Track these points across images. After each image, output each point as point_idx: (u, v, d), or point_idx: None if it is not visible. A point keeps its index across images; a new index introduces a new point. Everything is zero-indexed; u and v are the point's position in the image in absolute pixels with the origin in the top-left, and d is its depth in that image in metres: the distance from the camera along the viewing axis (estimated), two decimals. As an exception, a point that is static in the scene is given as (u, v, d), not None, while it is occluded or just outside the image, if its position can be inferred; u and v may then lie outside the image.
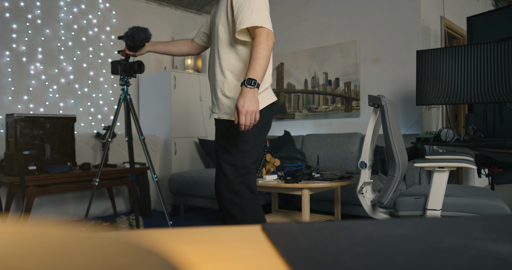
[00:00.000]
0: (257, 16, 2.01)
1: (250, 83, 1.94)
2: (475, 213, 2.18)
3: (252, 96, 1.94)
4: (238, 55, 2.18)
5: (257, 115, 1.96)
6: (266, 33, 2.00)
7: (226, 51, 2.19)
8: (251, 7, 2.01)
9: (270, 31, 2.03)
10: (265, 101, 2.23)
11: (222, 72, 2.20)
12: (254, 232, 0.39)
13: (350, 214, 3.91)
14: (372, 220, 0.42)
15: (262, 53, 1.98)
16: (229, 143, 2.25)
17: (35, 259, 0.21)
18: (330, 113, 5.14)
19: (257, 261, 0.31)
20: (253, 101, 1.94)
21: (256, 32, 2.02)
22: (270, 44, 2.00)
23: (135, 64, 2.95)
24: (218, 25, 2.22)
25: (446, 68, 3.58)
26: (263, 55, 1.98)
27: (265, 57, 1.98)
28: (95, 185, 3.02)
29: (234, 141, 2.23)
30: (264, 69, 1.99)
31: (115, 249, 0.24)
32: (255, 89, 1.95)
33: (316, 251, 0.32)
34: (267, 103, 2.24)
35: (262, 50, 1.98)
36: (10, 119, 3.77)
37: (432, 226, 0.39)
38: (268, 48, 1.99)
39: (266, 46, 1.99)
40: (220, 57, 2.20)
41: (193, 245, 0.35)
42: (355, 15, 4.92)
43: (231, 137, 2.24)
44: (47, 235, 0.25)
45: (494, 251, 0.31)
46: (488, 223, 0.41)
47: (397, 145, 2.36)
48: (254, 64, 1.97)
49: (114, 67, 2.99)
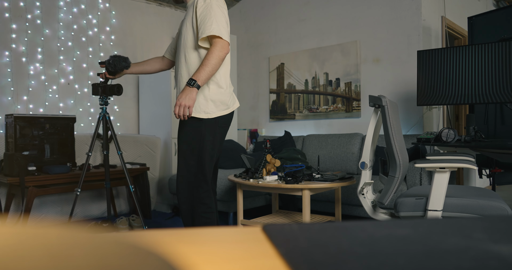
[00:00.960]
0: (216, 26, 2.30)
1: (190, 82, 2.28)
2: (476, 214, 2.18)
3: (189, 93, 2.28)
4: (201, 58, 2.44)
5: (190, 109, 2.30)
6: (221, 44, 2.30)
7: (191, 55, 2.47)
8: (211, 19, 2.31)
9: (226, 41, 2.32)
10: (213, 113, 2.47)
11: (188, 72, 2.47)
12: (254, 233, 0.39)
13: (351, 215, 3.90)
14: (373, 221, 0.42)
15: (210, 61, 2.28)
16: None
17: (34, 261, 0.20)
18: (331, 113, 5.13)
19: (258, 262, 0.31)
20: (188, 98, 2.27)
21: (212, 42, 2.32)
22: (221, 55, 2.30)
23: (115, 87, 3.21)
24: (185, 32, 2.51)
25: (447, 68, 3.57)
26: (211, 63, 2.28)
27: (213, 65, 2.29)
28: (77, 195, 3.20)
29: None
30: (208, 75, 2.30)
31: (115, 250, 0.24)
32: (193, 88, 2.28)
33: (317, 252, 0.32)
34: (214, 115, 2.47)
35: (212, 59, 2.28)
36: (9, 120, 3.77)
37: (433, 227, 0.39)
38: (219, 58, 2.30)
39: (217, 56, 2.29)
40: (186, 60, 2.48)
41: (193, 246, 0.35)
42: (355, 15, 4.91)
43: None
44: (46, 236, 0.25)
45: (496, 252, 0.31)
46: (489, 224, 0.40)
47: (398, 145, 2.36)
48: (200, 68, 2.29)
49: (95, 89, 3.24)
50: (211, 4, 2.36)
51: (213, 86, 2.45)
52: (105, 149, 3.32)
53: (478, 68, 3.41)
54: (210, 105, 2.44)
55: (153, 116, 5.04)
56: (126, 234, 0.35)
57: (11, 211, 3.75)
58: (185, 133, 2.50)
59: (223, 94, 2.50)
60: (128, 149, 4.56)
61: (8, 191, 3.74)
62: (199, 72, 2.29)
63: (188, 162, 2.48)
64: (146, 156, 4.70)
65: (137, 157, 4.64)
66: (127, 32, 5.16)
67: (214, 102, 2.45)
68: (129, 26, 5.18)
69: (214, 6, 2.36)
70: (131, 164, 4.29)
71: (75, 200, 3.17)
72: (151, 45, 5.43)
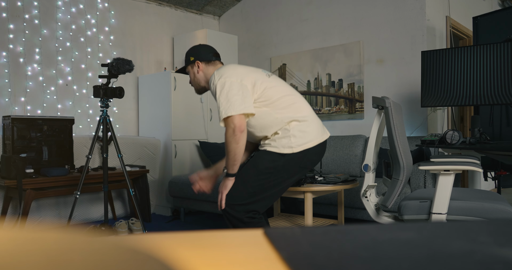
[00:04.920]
0: (225, 106, 2.25)
1: (225, 172, 2.39)
2: (481, 217, 2.18)
3: (223, 182, 2.39)
4: (251, 120, 2.41)
5: (222, 196, 2.37)
6: (232, 126, 2.24)
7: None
8: (220, 99, 2.28)
9: (238, 117, 2.24)
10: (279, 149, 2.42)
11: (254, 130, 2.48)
12: (256, 236, 0.39)
13: (354, 218, 3.87)
14: (376, 224, 0.42)
15: (228, 148, 2.28)
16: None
17: (32, 265, 0.20)
18: (333, 115, 5.07)
19: (259, 266, 0.31)
20: (223, 185, 2.38)
21: (225, 124, 2.29)
22: (236, 138, 2.26)
23: (117, 90, 3.25)
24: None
25: (451, 69, 3.53)
26: (229, 149, 2.29)
27: (232, 149, 2.28)
28: (76, 198, 3.23)
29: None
30: (232, 161, 2.32)
31: (115, 255, 0.24)
32: (226, 178, 2.37)
33: (319, 256, 0.32)
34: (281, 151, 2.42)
35: (228, 144, 2.28)
36: (7, 121, 3.74)
37: (437, 230, 0.39)
38: (234, 141, 2.26)
39: (231, 141, 2.26)
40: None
41: (193, 249, 0.35)
42: (358, 15, 4.86)
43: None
44: (44, 240, 0.25)
45: (501, 256, 0.31)
46: (494, 227, 0.40)
47: (401, 147, 2.35)
48: (226, 157, 2.35)
49: (96, 91, 3.27)
50: (216, 86, 2.34)
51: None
52: (105, 152, 3.30)
53: (483, 69, 3.37)
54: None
55: (153, 117, 5.00)
56: (126, 238, 0.34)
57: (8, 214, 3.74)
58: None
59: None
60: (128, 151, 4.51)
61: (5, 194, 3.72)
62: (226, 162, 2.37)
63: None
64: (146, 158, 4.66)
65: (137, 159, 4.59)
66: (126, 32, 5.12)
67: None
68: (128, 26, 5.14)
69: (218, 87, 2.33)
70: (130, 167, 4.24)
71: (74, 203, 3.16)
72: (151, 45, 5.39)
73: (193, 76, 2.60)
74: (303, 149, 2.36)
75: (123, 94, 3.27)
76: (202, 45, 2.64)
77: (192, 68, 2.60)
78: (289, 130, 2.36)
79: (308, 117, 2.42)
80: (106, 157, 3.33)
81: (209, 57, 2.57)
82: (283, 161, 2.36)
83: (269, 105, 2.37)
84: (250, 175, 2.37)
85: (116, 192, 4.61)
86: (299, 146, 2.35)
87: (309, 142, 2.38)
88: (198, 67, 2.56)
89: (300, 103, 2.45)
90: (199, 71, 2.56)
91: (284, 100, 2.40)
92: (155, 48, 5.44)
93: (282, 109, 2.37)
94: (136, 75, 5.19)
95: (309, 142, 2.38)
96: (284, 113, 2.37)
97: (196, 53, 2.57)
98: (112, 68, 3.10)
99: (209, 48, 2.61)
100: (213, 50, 2.61)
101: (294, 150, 2.35)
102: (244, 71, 2.41)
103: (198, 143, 5.00)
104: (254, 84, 2.36)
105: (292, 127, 2.36)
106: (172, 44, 5.66)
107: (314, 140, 2.40)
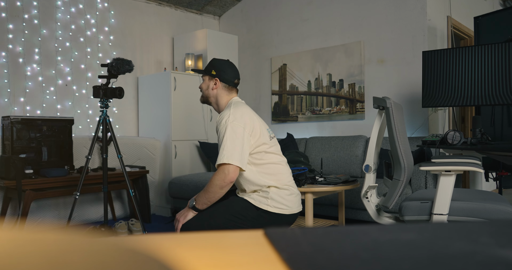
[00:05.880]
0: (229, 151, 2.23)
1: (191, 203, 2.34)
2: (482, 218, 2.18)
3: (186, 211, 2.36)
4: (243, 175, 2.37)
5: (178, 224, 2.34)
6: (226, 173, 2.21)
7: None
8: (227, 142, 2.26)
9: (234, 168, 2.22)
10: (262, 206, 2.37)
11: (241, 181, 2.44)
12: (256, 237, 0.39)
13: (355, 219, 3.87)
14: (377, 225, 0.42)
15: (210, 188, 2.25)
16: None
17: (32, 266, 0.20)
18: (334, 115, 5.06)
19: (259, 267, 0.31)
20: (183, 215, 2.35)
21: (220, 167, 2.25)
22: (223, 184, 2.22)
23: (117, 90, 3.24)
24: None
25: (452, 69, 3.52)
26: (210, 190, 2.25)
27: (213, 192, 2.25)
28: (76, 198, 3.21)
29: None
30: (208, 200, 2.28)
31: (114, 256, 0.24)
32: (192, 210, 2.34)
33: (320, 257, 0.32)
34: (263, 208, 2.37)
35: (213, 186, 2.24)
36: (6, 122, 3.74)
37: (438, 231, 0.39)
38: (219, 186, 2.23)
39: (217, 184, 2.23)
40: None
41: (193, 250, 0.35)
42: (359, 15, 4.85)
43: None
44: (44, 241, 0.25)
45: (502, 257, 0.31)
46: (496, 228, 0.40)
47: (402, 148, 2.35)
48: (202, 192, 2.30)
49: (96, 91, 3.28)
50: (227, 127, 2.30)
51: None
52: (104, 153, 3.30)
53: (484, 69, 3.36)
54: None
55: (153, 118, 4.99)
56: (125, 239, 0.34)
57: (7, 215, 3.73)
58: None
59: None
60: (127, 151, 4.50)
61: (4, 194, 3.71)
62: (199, 194, 2.33)
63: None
64: (146, 159, 4.65)
65: (136, 159, 4.58)
66: (126, 32, 5.11)
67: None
68: (128, 26, 5.13)
69: (229, 130, 2.29)
70: (130, 167, 4.23)
71: (74, 204, 3.15)
72: (151, 45, 5.38)
73: (205, 87, 2.53)
74: (278, 212, 2.32)
75: (122, 95, 3.26)
76: (230, 64, 2.53)
77: (209, 80, 2.52)
78: (268, 192, 2.32)
79: (290, 188, 2.39)
80: (106, 157, 3.31)
81: (230, 83, 2.49)
82: (256, 214, 2.31)
83: (258, 166, 2.34)
84: (220, 211, 2.32)
85: (116, 193, 4.59)
86: (275, 208, 2.31)
87: (285, 209, 2.34)
88: (215, 84, 2.48)
89: (286, 174, 2.43)
90: (214, 89, 2.49)
91: (272, 166, 2.37)
92: (155, 48, 5.43)
93: (268, 174, 2.34)
94: (136, 75, 5.18)
95: (285, 209, 2.34)
96: (268, 178, 2.33)
97: (221, 71, 2.48)
98: (112, 68, 3.11)
99: (235, 73, 2.52)
100: (237, 76, 2.52)
101: (269, 209, 2.30)
102: (257, 125, 2.37)
103: (198, 144, 4.99)
104: (256, 141, 2.34)
105: (271, 191, 2.33)
106: (172, 44, 5.65)
107: (290, 208, 2.36)
